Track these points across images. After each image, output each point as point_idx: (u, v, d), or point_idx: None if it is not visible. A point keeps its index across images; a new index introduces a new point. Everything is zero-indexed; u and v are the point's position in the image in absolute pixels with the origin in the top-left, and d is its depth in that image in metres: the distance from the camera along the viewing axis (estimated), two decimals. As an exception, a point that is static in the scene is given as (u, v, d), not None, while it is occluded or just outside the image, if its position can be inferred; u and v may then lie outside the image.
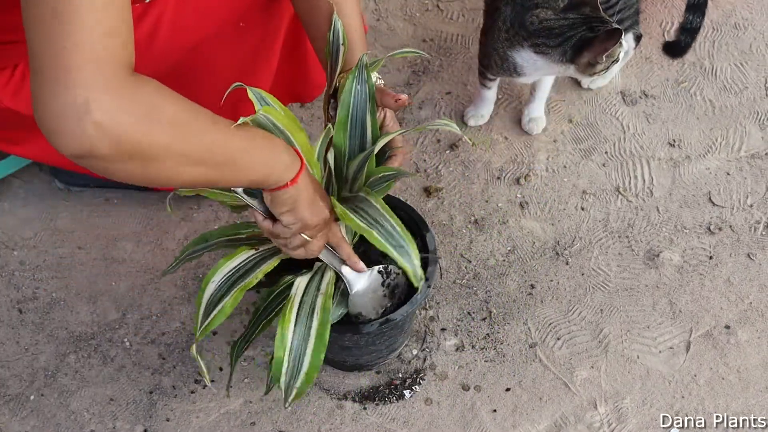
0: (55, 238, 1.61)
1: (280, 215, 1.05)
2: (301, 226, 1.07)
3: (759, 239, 1.56)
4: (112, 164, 0.85)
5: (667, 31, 1.83)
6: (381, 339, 1.32)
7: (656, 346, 1.46)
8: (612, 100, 1.74)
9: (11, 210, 1.64)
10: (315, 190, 1.07)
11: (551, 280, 1.53)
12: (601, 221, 1.59)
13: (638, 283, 1.52)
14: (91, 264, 1.58)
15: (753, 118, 1.71)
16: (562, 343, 1.46)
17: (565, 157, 1.67)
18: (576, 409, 1.40)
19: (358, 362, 1.41)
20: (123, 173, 0.88)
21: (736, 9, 1.85)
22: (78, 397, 1.44)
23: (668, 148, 1.67)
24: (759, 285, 1.51)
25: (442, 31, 1.86)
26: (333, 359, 1.41)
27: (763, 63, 1.78)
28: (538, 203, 1.61)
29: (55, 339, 1.50)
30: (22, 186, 1.67)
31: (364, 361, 1.40)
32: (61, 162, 1.45)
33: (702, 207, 1.60)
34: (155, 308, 1.52)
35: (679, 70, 1.78)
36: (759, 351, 1.45)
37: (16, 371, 1.47)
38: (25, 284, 1.56)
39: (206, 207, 1.63)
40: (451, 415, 1.40)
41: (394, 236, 1.08)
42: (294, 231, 1.07)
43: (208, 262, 1.56)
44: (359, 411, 1.41)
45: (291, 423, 1.40)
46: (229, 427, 1.40)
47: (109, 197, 1.65)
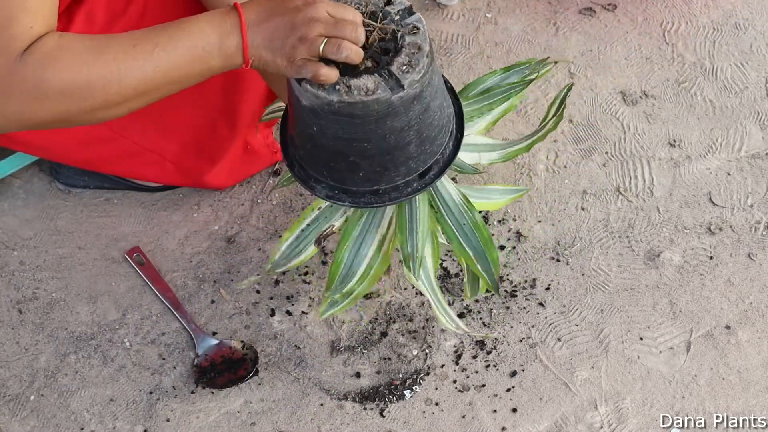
0: (55, 238, 1.61)
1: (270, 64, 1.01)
2: (291, 50, 1.00)
3: (759, 239, 1.56)
4: (43, 127, 0.94)
5: (667, 31, 1.83)
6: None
7: (656, 346, 1.45)
8: (612, 100, 1.74)
9: (11, 210, 1.64)
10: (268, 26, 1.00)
11: (551, 280, 1.52)
12: (601, 221, 1.59)
13: (639, 283, 1.52)
14: (91, 264, 1.58)
15: (753, 118, 1.71)
16: (562, 343, 1.46)
17: (566, 157, 1.67)
18: (576, 409, 1.40)
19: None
20: (64, 125, 0.98)
21: (736, 9, 1.85)
22: (78, 398, 1.44)
23: (668, 148, 1.67)
24: (759, 285, 1.51)
25: (442, 31, 1.86)
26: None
27: (763, 63, 1.78)
28: (539, 203, 1.61)
29: (55, 339, 1.50)
30: (22, 186, 1.67)
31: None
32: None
33: (702, 207, 1.60)
34: (155, 308, 1.52)
35: (680, 70, 1.77)
36: (759, 351, 1.45)
37: (16, 371, 1.47)
38: (25, 284, 1.55)
39: (206, 207, 1.63)
40: (451, 415, 1.40)
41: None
42: (297, 56, 1.00)
43: (208, 261, 1.56)
44: (359, 411, 1.41)
45: (291, 423, 1.40)
46: (229, 427, 1.40)
47: (109, 197, 1.65)
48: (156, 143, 1.47)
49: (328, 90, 1.01)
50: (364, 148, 1.08)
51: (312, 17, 0.98)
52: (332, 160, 1.12)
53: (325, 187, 1.16)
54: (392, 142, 1.08)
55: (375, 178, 1.14)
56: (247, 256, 1.57)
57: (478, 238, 1.30)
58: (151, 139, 1.46)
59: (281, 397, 1.43)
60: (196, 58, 0.99)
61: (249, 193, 1.64)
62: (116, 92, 0.97)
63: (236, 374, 1.43)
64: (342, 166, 1.12)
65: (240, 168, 1.58)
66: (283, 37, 0.99)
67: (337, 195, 1.16)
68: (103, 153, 1.47)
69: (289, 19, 0.99)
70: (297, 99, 1.06)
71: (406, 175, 1.15)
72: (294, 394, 1.43)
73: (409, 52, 1.04)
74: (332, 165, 1.13)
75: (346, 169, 1.12)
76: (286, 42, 0.99)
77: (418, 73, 1.03)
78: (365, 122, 1.04)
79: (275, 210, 1.62)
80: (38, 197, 1.65)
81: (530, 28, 1.85)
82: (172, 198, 1.64)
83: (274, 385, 1.44)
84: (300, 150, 1.16)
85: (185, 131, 1.47)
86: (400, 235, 1.29)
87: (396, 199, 1.16)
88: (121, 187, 1.63)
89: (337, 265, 1.30)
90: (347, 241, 1.31)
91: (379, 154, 1.09)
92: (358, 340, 1.47)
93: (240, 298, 1.52)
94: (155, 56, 0.97)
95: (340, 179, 1.15)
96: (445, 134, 1.16)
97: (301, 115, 1.09)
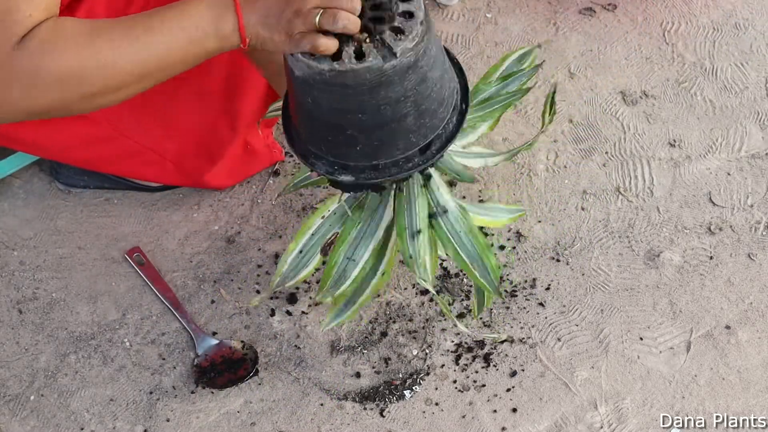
0: (55, 238, 1.61)
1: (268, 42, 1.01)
2: (287, 23, 1.00)
3: (759, 239, 1.56)
4: (43, 116, 0.94)
5: (667, 31, 1.83)
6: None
7: (656, 346, 1.45)
8: (612, 100, 1.74)
9: (11, 210, 1.64)
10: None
11: (551, 280, 1.52)
12: (601, 221, 1.59)
13: (639, 283, 1.52)
14: (91, 264, 1.58)
15: (753, 118, 1.71)
16: (562, 343, 1.46)
17: (566, 157, 1.67)
18: (576, 409, 1.40)
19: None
20: (64, 113, 0.98)
21: (736, 9, 1.85)
22: (78, 398, 1.44)
23: (668, 148, 1.67)
24: (760, 285, 1.51)
25: (442, 31, 1.86)
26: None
27: (763, 63, 1.78)
28: (539, 203, 1.61)
29: (55, 339, 1.50)
30: (22, 186, 1.67)
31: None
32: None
33: (702, 207, 1.60)
34: (155, 308, 1.52)
35: (680, 70, 1.77)
36: (759, 351, 1.45)
37: (16, 371, 1.47)
38: (25, 284, 1.55)
39: (206, 207, 1.63)
40: (451, 415, 1.40)
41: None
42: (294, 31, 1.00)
43: (208, 261, 1.56)
44: (359, 411, 1.41)
45: (291, 423, 1.40)
46: (229, 427, 1.40)
47: (109, 197, 1.65)
48: (157, 143, 1.47)
49: (319, 59, 1.00)
50: (360, 120, 1.06)
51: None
52: (329, 134, 1.11)
53: (325, 163, 1.15)
54: (388, 113, 1.06)
55: (373, 153, 1.12)
56: (247, 256, 1.57)
57: (474, 244, 1.29)
58: (152, 139, 1.46)
59: (281, 397, 1.43)
60: (192, 41, 0.99)
61: (249, 193, 1.64)
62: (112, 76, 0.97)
63: (236, 374, 1.43)
64: (340, 140, 1.10)
65: (240, 168, 1.58)
66: (278, 13, 0.99)
67: (336, 171, 1.15)
68: (103, 152, 1.47)
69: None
70: (291, 71, 1.05)
71: (406, 150, 1.12)
72: (294, 394, 1.43)
73: (402, 20, 1.02)
74: (330, 139, 1.11)
75: (344, 144, 1.11)
76: (281, 17, 0.99)
77: (412, 41, 1.01)
78: (358, 92, 1.02)
79: (275, 210, 1.62)
80: (38, 197, 1.65)
81: (530, 28, 1.85)
82: (172, 198, 1.64)
83: (274, 385, 1.44)
84: (300, 127, 1.15)
85: (186, 131, 1.47)
86: (400, 241, 1.29)
87: (396, 175, 1.14)
88: (121, 187, 1.63)
89: (330, 267, 1.30)
90: (342, 245, 1.31)
91: (377, 126, 1.07)
92: (358, 340, 1.47)
93: (240, 298, 1.52)
94: (150, 39, 0.97)
95: (339, 155, 1.13)
96: (447, 108, 1.14)
97: (295, 89, 1.08)
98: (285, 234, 1.59)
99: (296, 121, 1.16)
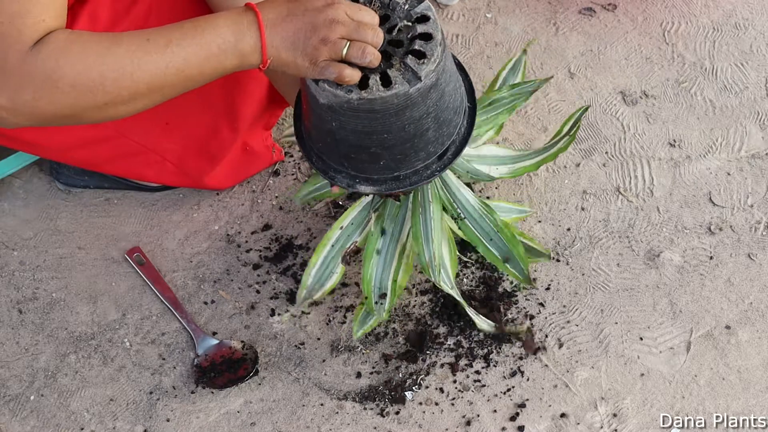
0: (55, 238, 1.61)
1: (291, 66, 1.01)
2: (312, 53, 1.00)
3: (759, 239, 1.56)
4: (51, 122, 0.93)
5: (667, 31, 1.83)
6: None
7: (656, 346, 1.45)
8: (612, 100, 1.74)
9: (11, 210, 1.64)
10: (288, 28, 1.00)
11: (551, 280, 1.52)
12: (601, 221, 1.59)
13: (639, 283, 1.52)
14: (91, 264, 1.58)
15: (753, 118, 1.71)
16: (562, 343, 1.46)
17: (565, 157, 1.67)
18: (576, 409, 1.40)
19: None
20: (72, 121, 0.98)
21: (736, 9, 1.85)
22: (78, 398, 1.44)
23: (668, 148, 1.67)
24: (760, 285, 1.51)
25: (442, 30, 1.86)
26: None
27: (763, 63, 1.78)
28: (539, 203, 1.61)
29: (55, 339, 1.50)
30: (22, 186, 1.67)
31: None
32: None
33: (702, 207, 1.60)
34: (155, 308, 1.52)
35: (680, 70, 1.77)
36: (759, 351, 1.45)
37: (16, 371, 1.47)
38: (25, 284, 1.56)
39: (206, 207, 1.63)
40: (451, 415, 1.40)
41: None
42: (320, 60, 1.00)
43: (208, 261, 1.56)
44: (359, 411, 1.41)
45: (291, 423, 1.40)
46: (229, 427, 1.40)
47: (109, 197, 1.65)
48: (157, 143, 1.47)
49: (346, 88, 1.02)
50: (384, 139, 1.09)
51: (333, 19, 0.99)
52: (353, 152, 1.13)
53: (346, 176, 1.17)
54: (411, 131, 1.09)
55: (395, 166, 1.15)
56: (247, 256, 1.57)
57: (502, 239, 1.37)
58: (153, 139, 1.46)
59: (281, 397, 1.43)
60: (211, 56, 0.99)
61: (249, 193, 1.64)
62: (128, 87, 0.97)
63: (236, 374, 1.43)
64: (363, 157, 1.13)
65: (239, 169, 1.58)
66: (305, 38, 0.99)
67: (357, 183, 1.17)
68: (103, 152, 1.47)
69: (309, 20, 0.99)
70: (313, 97, 1.06)
71: (426, 159, 1.16)
72: (294, 394, 1.43)
73: (422, 42, 1.05)
74: (353, 156, 1.14)
75: (366, 160, 1.13)
76: (307, 43, 0.99)
77: (433, 63, 1.04)
78: (385, 116, 1.05)
79: (275, 210, 1.62)
80: (38, 197, 1.65)
81: (530, 28, 1.85)
82: (172, 198, 1.64)
83: (274, 385, 1.44)
84: (318, 143, 1.17)
85: (187, 132, 1.47)
86: (416, 245, 1.33)
87: (417, 183, 1.17)
88: (121, 187, 1.63)
89: (367, 282, 1.36)
90: (371, 258, 1.36)
91: (400, 143, 1.10)
92: (358, 340, 1.47)
93: (240, 298, 1.52)
94: (169, 51, 0.97)
95: (360, 169, 1.16)
96: (459, 114, 1.17)
97: (318, 113, 1.09)
98: (285, 234, 1.59)
99: (314, 138, 1.17)
